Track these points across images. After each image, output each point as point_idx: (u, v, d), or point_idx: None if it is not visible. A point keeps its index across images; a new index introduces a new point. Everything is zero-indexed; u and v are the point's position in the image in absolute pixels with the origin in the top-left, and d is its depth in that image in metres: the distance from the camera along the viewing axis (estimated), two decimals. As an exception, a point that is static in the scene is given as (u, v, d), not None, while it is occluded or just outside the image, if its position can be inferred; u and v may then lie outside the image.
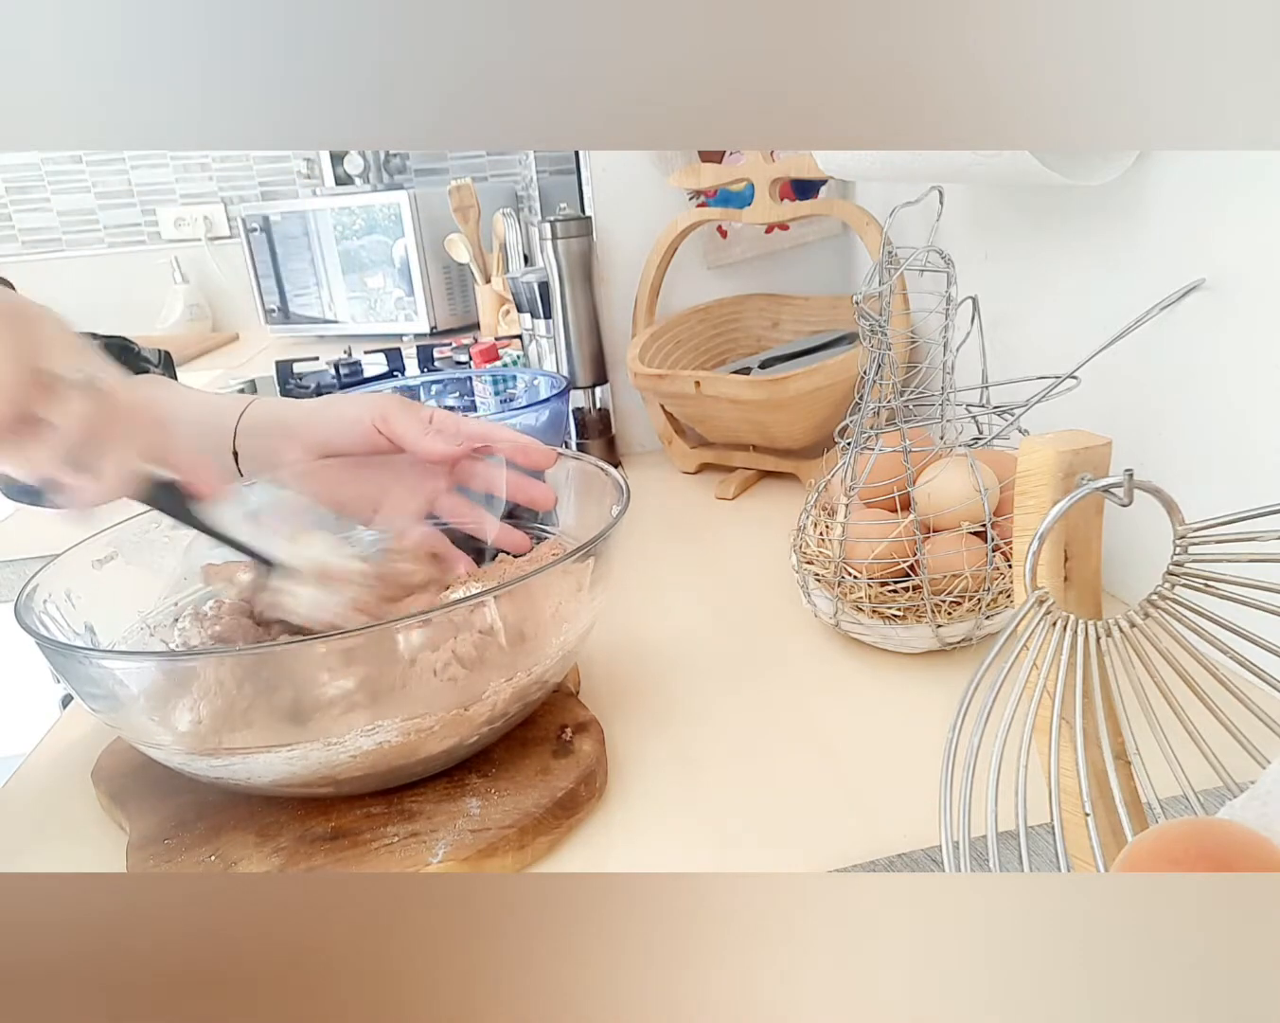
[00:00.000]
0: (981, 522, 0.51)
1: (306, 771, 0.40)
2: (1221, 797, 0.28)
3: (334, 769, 0.40)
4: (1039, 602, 0.29)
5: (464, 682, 0.41)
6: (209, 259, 2.17)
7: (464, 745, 0.43)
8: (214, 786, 0.43)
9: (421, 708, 0.40)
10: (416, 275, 1.71)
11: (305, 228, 1.76)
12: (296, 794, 0.43)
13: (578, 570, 0.45)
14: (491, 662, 0.42)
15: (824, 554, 0.57)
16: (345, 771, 0.41)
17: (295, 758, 0.40)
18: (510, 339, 1.32)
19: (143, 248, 2.17)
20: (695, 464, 0.91)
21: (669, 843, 0.42)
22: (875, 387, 0.53)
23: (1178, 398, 0.52)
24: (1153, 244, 0.53)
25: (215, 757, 0.40)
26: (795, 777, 0.45)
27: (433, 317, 1.74)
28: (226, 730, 0.40)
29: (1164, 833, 0.23)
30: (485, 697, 0.42)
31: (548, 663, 0.44)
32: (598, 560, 0.46)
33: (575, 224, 0.89)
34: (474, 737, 0.43)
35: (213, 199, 2.16)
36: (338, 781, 0.41)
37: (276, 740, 0.40)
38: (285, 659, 0.40)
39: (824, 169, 0.73)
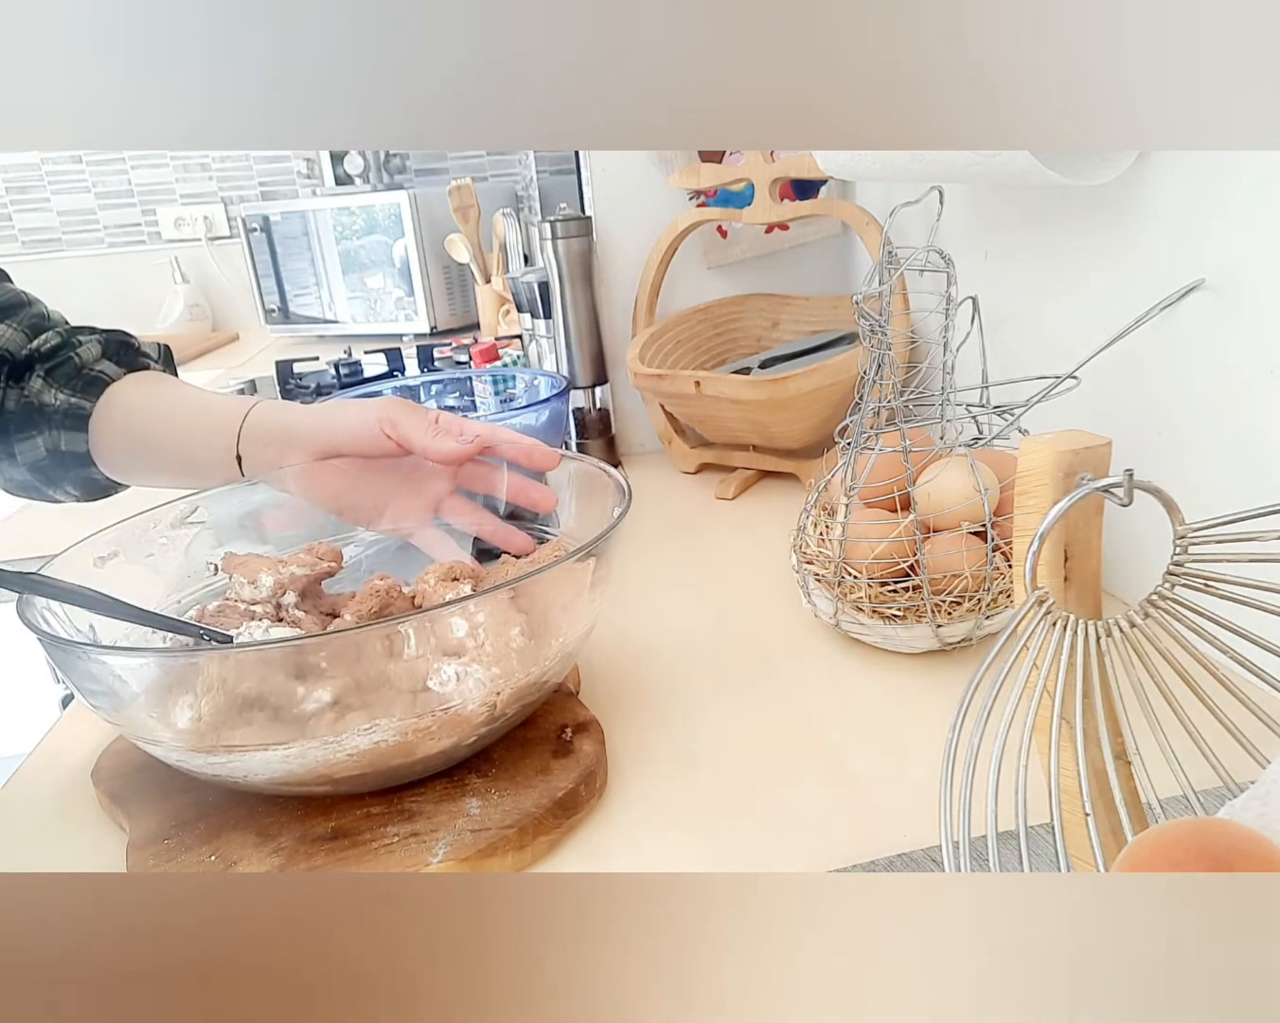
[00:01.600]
0: (981, 522, 0.51)
1: (304, 769, 0.40)
2: (1221, 797, 0.28)
3: (331, 768, 0.40)
4: (1039, 602, 0.29)
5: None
6: (209, 259, 2.17)
7: (463, 746, 0.43)
8: (213, 784, 0.43)
9: (419, 708, 0.40)
10: (416, 275, 1.71)
11: (305, 228, 1.76)
12: (295, 793, 0.43)
13: (578, 571, 0.45)
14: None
15: (824, 554, 0.57)
16: (343, 769, 0.41)
17: (293, 756, 0.40)
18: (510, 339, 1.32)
19: (143, 248, 2.17)
20: (695, 464, 0.91)
21: (669, 843, 0.41)
22: (875, 387, 0.53)
23: (1177, 398, 0.52)
24: (1153, 244, 0.53)
25: (214, 754, 0.40)
26: (795, 777, 0.45)
27: (433, 317, 1.74)
28: (226, 728, 0.40)
29: (1164, 833, 0.23)
30: (484, 698, 0.42)
31: (547, 664, 0.44)
32: (599, 561, 0.46)
33: (575, 224, 0.89)
34: (472, 737, 0.43)
35: (213, 199, 2.16)
36: (335, 779, 0.41)
37: (275, 739, 0.40)
38: (283, 657, 0.40)
39: (824, 169, 0.73)
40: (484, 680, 0.41)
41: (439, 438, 0.53)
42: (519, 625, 0.43)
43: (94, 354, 0.60)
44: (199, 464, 0.58)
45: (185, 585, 0.54)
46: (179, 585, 0.53)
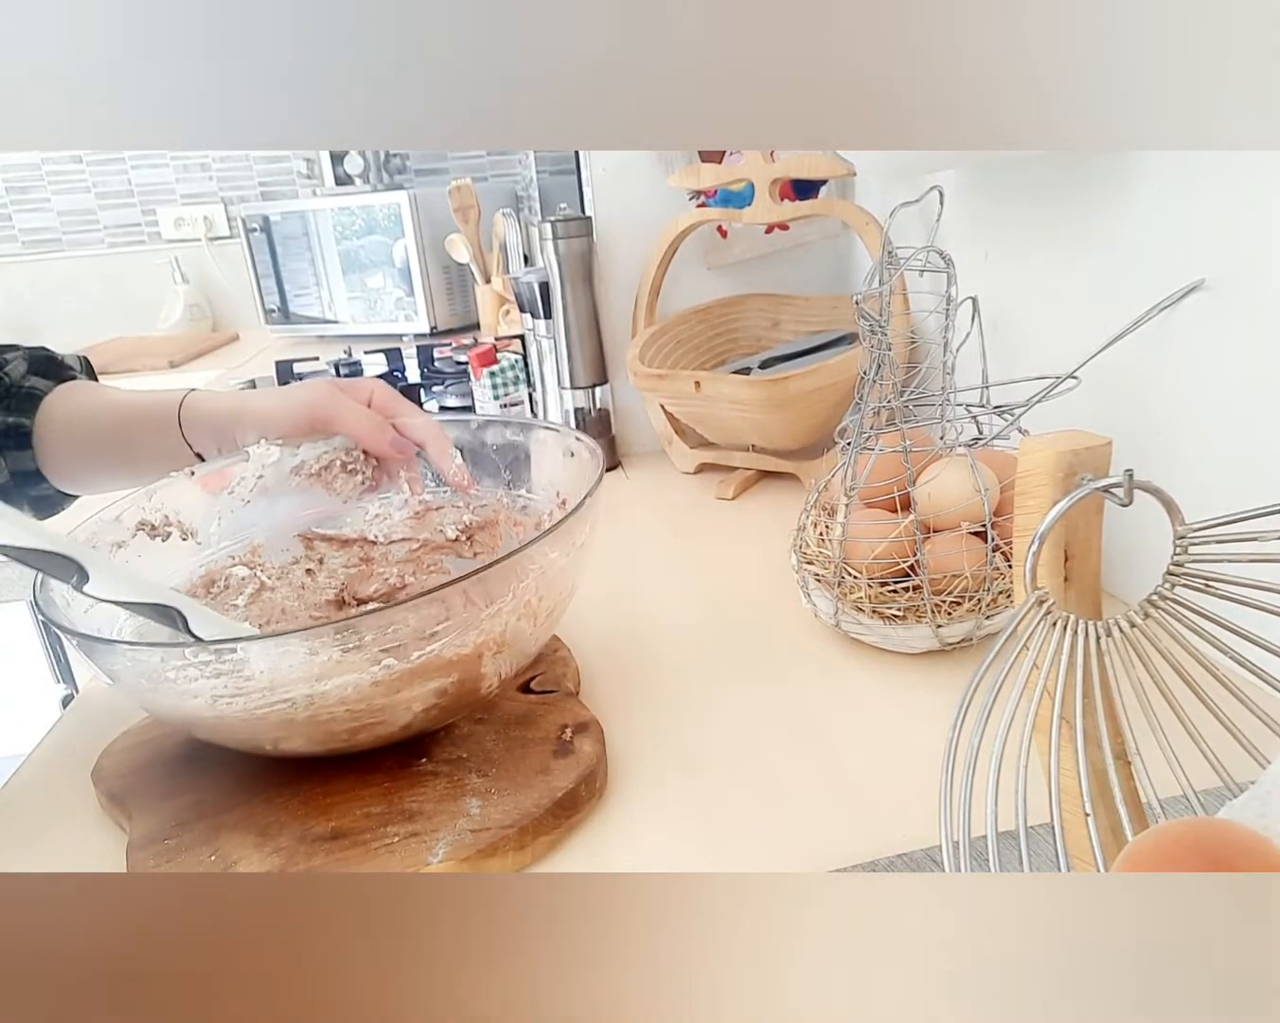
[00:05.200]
0: (981, 522, 0.51)
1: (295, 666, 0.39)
2: (1221, 797, 0.28)
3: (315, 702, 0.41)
4: (1039, 602, 0.29)
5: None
6: (209, 259, 2.17)
7: (430, 703, 0.43)
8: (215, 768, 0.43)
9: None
10: (416, 275, 1.71)
11: (305, 228, 1.76)
12: (296, 748, 0.43)
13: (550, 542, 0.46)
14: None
15: (824, 554, 0.57)
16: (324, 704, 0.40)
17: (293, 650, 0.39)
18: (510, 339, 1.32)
19: (143, 248, 2.17)
20: (695, 464, 0.91)
21: (669, 843, 0.42)
22: (875, 387, 0.53)
23: (1177, 398, 0.52)
24: (1152, 244, 0.53)
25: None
26: (795, 777, 0.45)
27: (433, 317, 1.74)
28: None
29: (1164, 833, 0.23)
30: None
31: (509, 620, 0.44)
32: (575, 527, 0.47)
33: (575, 224, 0.89)
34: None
35: (213, 199, 2.16)
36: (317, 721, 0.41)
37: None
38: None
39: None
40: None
41: (377, 431, 0.57)
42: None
43: (21, 371, 0.61)
44: (144, 461, 0.59)
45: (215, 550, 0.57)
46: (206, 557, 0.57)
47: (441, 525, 0.59)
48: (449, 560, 0.57)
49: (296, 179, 2.15)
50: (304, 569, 0.57)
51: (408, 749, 0.46)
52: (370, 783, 0.44)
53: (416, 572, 0.57)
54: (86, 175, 2.12)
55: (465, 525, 0.58)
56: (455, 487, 0.58)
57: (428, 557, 0.58)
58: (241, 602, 0.54)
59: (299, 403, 0.57)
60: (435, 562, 0.58)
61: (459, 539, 0.58)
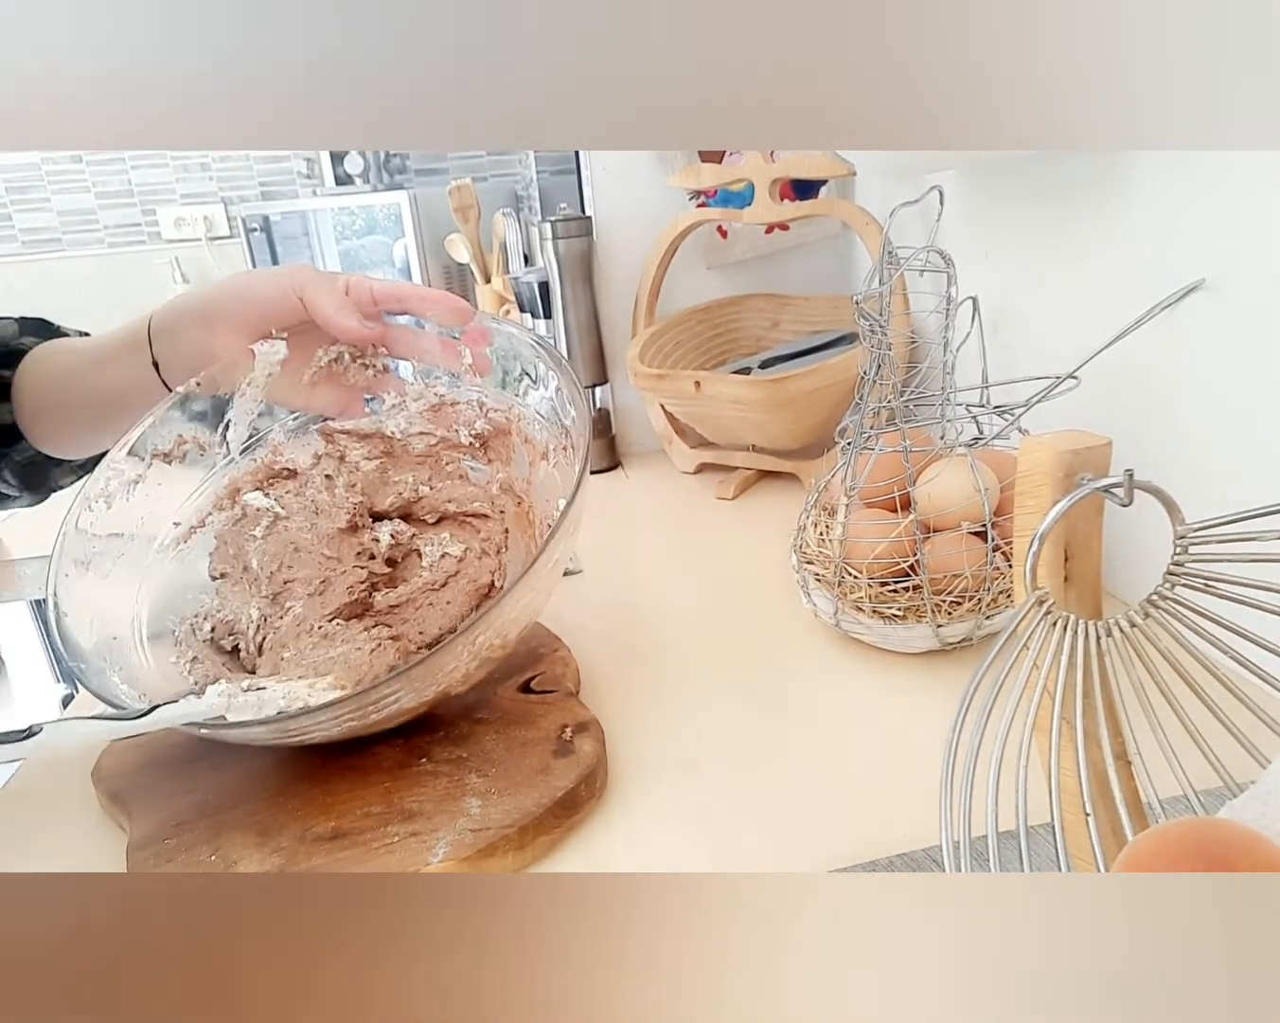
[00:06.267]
0: (981, 522, 0.51)
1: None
2: (1221, 797, 0.28)
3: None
4: (1039, 602, 0.29)
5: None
6: (209, 259, 2.17)
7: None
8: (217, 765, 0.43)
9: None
10: (416, 275, 1.71)
11: (305, 228, 1.76)
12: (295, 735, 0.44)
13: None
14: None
15: (824, 554, 0.57)
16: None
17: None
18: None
19: (143, 248, 2.17)
20: (695, 464, 0.91)
21: (669, 843, 0.41)
22: (875, 387, 0.53)
23: (1177, 398, 0.52)
24: (1152, 244, 0.53)
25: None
26: (795, 777, 0.45)
27: (433, 317, 1.74)
28: None
29: (1164, 833, 0.23)
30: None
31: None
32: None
33: (575, 224, 0.90)
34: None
35: (213, 199, 2.16)
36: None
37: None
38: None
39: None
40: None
41: (344, 313, 0.54)
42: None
43: (12, 331, 0.60)
44: (120, 392, 0.57)
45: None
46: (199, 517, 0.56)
47: (456, 425, 0.58)
48: (466, 462, 0.58)
49: (296, 179, 2.15)
50: (323, 473, 0.56)
51: (408, 749, 0.46)
52: (370, 783, 0.44)
53: (434, 477, 0.57)
54: (86, 175, 2.12)
55: (478, 433, 0.57)
56: (446, 356, 0.57)
57: (446, 453, 0.58)
58: (259, 532, 0.54)
59: (284, 284, 0.54)
60: (453, 460, 0.58)
61: (473, 445, 0.58)
